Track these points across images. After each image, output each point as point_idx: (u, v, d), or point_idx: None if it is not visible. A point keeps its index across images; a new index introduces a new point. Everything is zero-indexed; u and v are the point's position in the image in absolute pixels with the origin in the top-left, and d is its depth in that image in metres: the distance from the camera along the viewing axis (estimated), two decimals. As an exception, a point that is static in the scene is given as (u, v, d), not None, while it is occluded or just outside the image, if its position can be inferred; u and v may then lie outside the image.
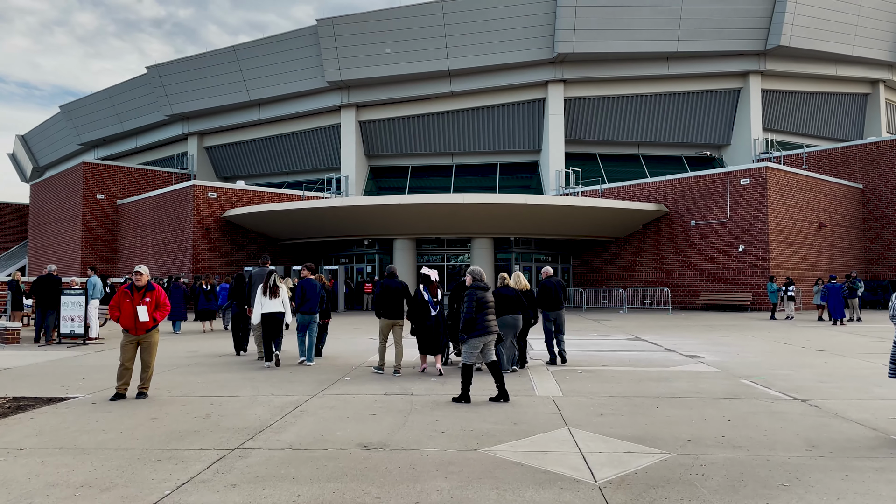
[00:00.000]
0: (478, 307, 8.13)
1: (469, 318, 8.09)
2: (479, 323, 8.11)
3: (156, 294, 8.43)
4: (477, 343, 8.14)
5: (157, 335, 8.57)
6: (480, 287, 8.39)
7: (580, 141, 39.70)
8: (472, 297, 8.16)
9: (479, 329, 8.11)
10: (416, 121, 39.82)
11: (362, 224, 31.10)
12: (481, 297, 8.26)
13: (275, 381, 9.69)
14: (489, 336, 8.19)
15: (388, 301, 10.69)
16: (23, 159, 62.17)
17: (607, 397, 8.36)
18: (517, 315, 10.30)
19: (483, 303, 8.25)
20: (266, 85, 40.14)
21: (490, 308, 8.28)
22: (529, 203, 28.81)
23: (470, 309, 8.10)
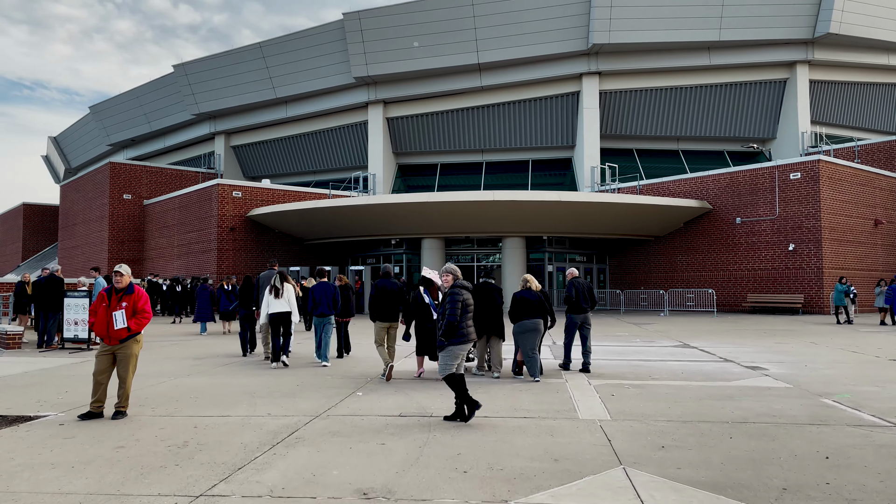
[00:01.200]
0: (462, 310, 7.17)
1: (453, 321, 7.07)
2: (461, 328, 7.16)
3: (134, 298, 7.28)
4: (458, 351, 7.12)
5: (137, 346, 7.40)
6: (465, 287, 7.37)
7: (616, 136, 38.03)
8: (455, 299, 7.16)
9: (461, 335, 7.13)
10: (444, 117, 38.55)
11: (389, 223, 29.95)
12: (466, 298, 7.25)
13: (276, 397, 8.48)
14: (468, 344, 7.22)
15: (383, 303, 10.26)
16: (56, 161, 62.50)
17: (665, 422, 6.96)
18: (538, 319, 9.88)
19: (466, 306, 7.23)
20: (292, 82, 39.26)
21: (470, 312, 7.34)
22: (563, 200, 27.33)
23: (454, 311, 7.10)
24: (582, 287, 11.14)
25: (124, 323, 7.14)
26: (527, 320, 9.88)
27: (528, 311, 9.93)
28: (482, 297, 10.05)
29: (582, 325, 11.11)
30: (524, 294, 10.04)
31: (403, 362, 12.03)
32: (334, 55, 37.54)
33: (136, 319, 7.23)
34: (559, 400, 8.24)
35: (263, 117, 42.19)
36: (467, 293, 7.31)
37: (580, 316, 11.07)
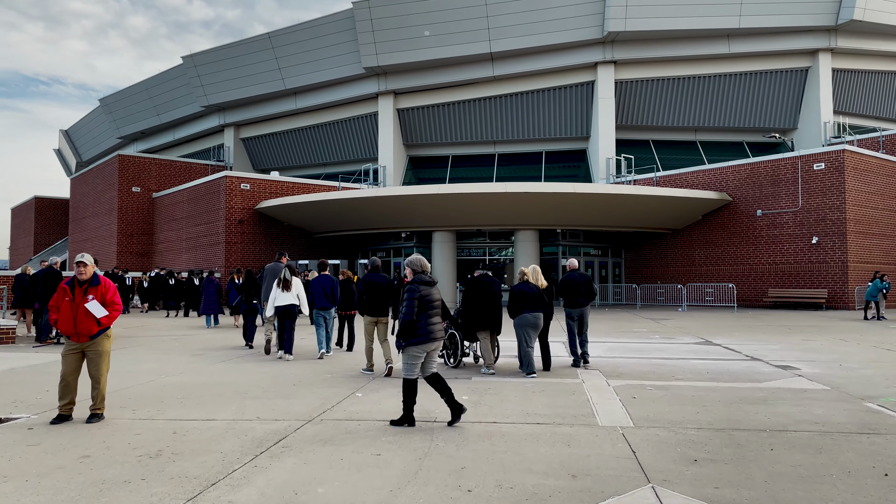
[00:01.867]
0: (420, 307, 6.52)
1: (408, 320, 6.42)
2: (421, 326, 6.49)
3: (101, 290, 6.67)
4: (418, 352, 6.50)
5: (108, 342, 6.79)
6: (424, 282, 6.68)
7: (632, 126, 37.12)
8: (412, 294, 6.51)
9: (420, 334, 6.47)
10: (456, 108, 37.80)
11: (399, 216, 29.29)
12: (425, 294, 6.59)
13: (270, 397, 7.85)
14: (433, 343, 6.57)
15: (371, 297, 10.01)
16: (68, 155, 62.35)
17: (695, 430, 6.26)
18: (538, 313, 9.61)
19: (427, 302, 6.57)
20: (302, 73, 38.65)
21: (435, 308, 6.69)
22: (578, 192, 26.55)
23: (410, 308, 6.44)
24: (578, 280, 10.75)
25: (103, 311, 6.53)
26: (528, 313, 9.60)
27: (528, 305, 9.64)
28: (480, 292, 9.88)
29: (580, 319, 10.78)
30: (522, 287, 9.76)
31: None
32: (344, 45, 36.88)
33: (108, 313, 6.62)
34: (576, 403, 7.55)
35: (273, 109, 41.63)
36: (428, 288, 6.65)
37: (577, 310, 10.74)
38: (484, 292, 9.93)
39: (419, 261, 6.82)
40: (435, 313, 6.64)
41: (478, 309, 9.91)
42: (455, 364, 10.53)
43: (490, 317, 9.90)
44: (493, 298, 9.97)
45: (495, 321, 9.95)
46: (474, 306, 9.97)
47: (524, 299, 9.66)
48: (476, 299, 9.96)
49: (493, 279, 10.18)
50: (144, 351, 12.91)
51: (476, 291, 10.00)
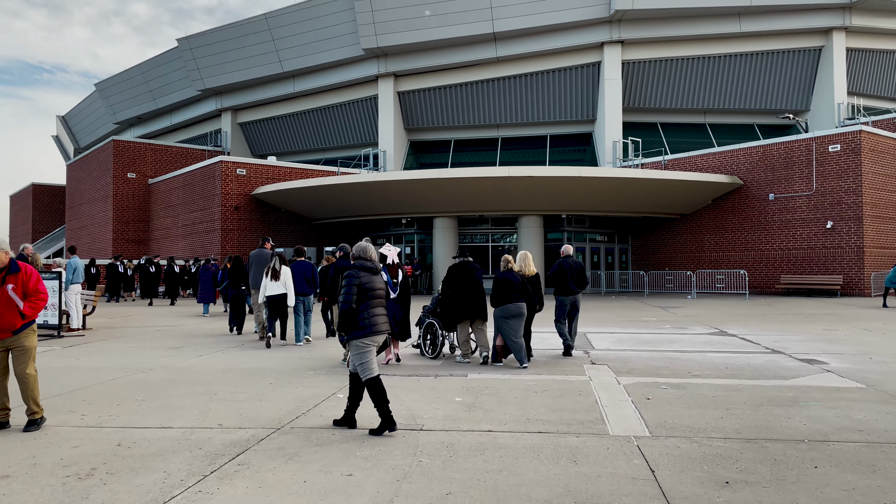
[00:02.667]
0: (360, 296, 5.79)
1: (346, 308, 5.73)
2: (362, 318, 5.77)
3: (22, 277, 5.82)
4: (365, 345, 5.77)
5: (34, 337, 5.96)
6: (365, 268, 5.94)
7: (639, 109, 36.05)
8: (351, 281, 5.80)
9: (362, 326, 5.77)
10: (458, 90, 36.76)
11: (399, 201, 28.42)
12: (366, 281, 5.87)
13: (240, 399, 7.03)
14: (378, 336, 5.86)
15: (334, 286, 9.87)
16: (66, 141, 61.52)
17: (721, 440, 5.40)
18: (521, 303, 9.14)
19: (368, 290, 5.84)
20: (300, 55, 37.64)
21: (378, 298, 5.97)
22: (583, 175, 25.60)
23: (348, 297, 5.73)
24: (570, 267, 10.38)
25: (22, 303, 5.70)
26: (510, 304, 9.09)
27: (511, 294, 9.13)
28: (460, 279, 9.47)
29: (571, 308, 10.43)
30: (506, 275, 9.24)
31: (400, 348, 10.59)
32: (343, 26, 35.85)
33: (30, 303, 5.78)
34: (583, 406, 6.70)
35: (270, 92, 40.67)
36: (369, 275, 5.91)
37: (568, 298, 10.36)
38: (465, 279, 9.50)
39: (361, 247, 6.06)
40: (378, 304, 5.91)
41: (458, 297, 9.48)
42: (434, 355, 10.01)
43: (471, 305, 9.48)
44: (475, 285, 9.56)
45: (478, 309, 9.53)
46: (455, 294, 9.53)
47: (508, 288, 9.16)
48: (456, 287, 9.54)
49: (475, 265, 9.75)
50: (122, 343, 12.12)
51: (456, 278, 9.56)
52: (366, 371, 5.72)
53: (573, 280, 10.34)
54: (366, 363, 5.73)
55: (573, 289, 10.35)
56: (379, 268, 6.05)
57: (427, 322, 10.24)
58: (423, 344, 10.27)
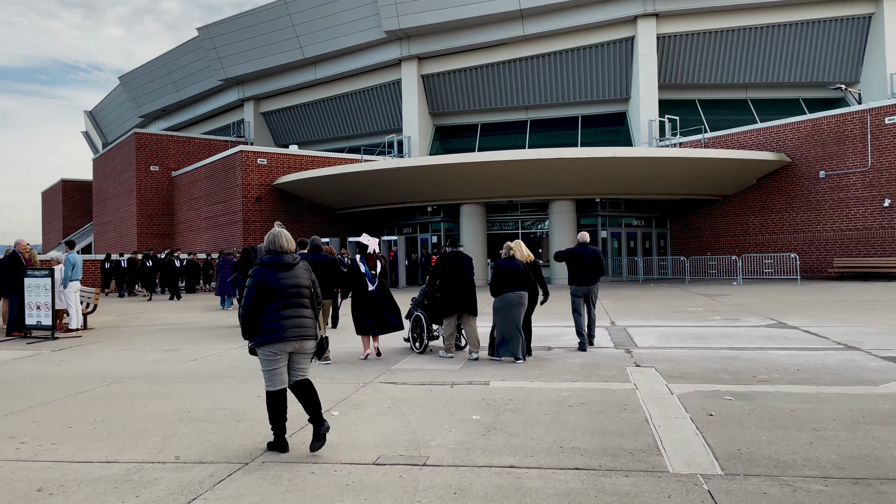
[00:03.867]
0: (261, 295, 4.83)
1: (243, 313, 4.85)
2: (266, 321, 4.82)
3: None
4: (270, 354, 4.83)
5: None
6: (272, 264, 4.92)
7: (676, 86, 34.19)
8: (252, 280, 4.87)
9: (265, 331, 4.80)
10: (484, 71, 35.28)
11: (424, 188, 27.20)
12: (269, 280, 4.86)
13: (216, 419, 5.88)
14: (289, 343, 4.86)
15: None
16: (94, 136, 61.59)
17: (820, 480, 4.06)
18: (522, 292, 8.63)
19: (273, 290, 4.84)
20: (320, 40, 36.55)
21: (291, 297, 4.91)
22: (619, 156, 24.06)
23: (247, 299, 4.83)
24: (584, 254, 9.81)
25: None
26: (510, 293, 8.58)
27: (511, 283, 8.61)
28: (449, 269, 8.99)
29: (586, 298, 9.86)
30: (508, 263, 8.72)
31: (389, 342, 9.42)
32: (363, 8, 34.61)
33: None
34: (629, 426, 5.40)
35: (292, 80, 39.70)
36: (274, 272, 4.88)
37: (582, 288, 9.81)
38: (452, 271, 8.98)
39: (270, 236, 5.01)
40: (291, 304, 4.87)
41: (445, 289, 9.01)
42: (421, 350, 9.56)
43: (459, 298, 8.94)
44: (463, 277, 9.03)
45: (465, 302, 8.97)
46: (442, 286, 9.08)
47: (509, 276, 8.62)
48: (443, 279, 9.07)
49: (466, 256, 9.25)
50: (115, 346, 11.13)
51: (443, 270, 9.06)
52: (268, 382, 4.87)
53: (588, 269, 9.74)
54: (270, 372, 4.84)
55: (588, 278, 9.77)
56: (295, 262, 5.01)
57: (415, 315, 9.73)
58: (411, 337, 9.78)
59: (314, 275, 5.24)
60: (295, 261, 5.00)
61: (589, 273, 9.80)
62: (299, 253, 11.57)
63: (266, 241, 5.01)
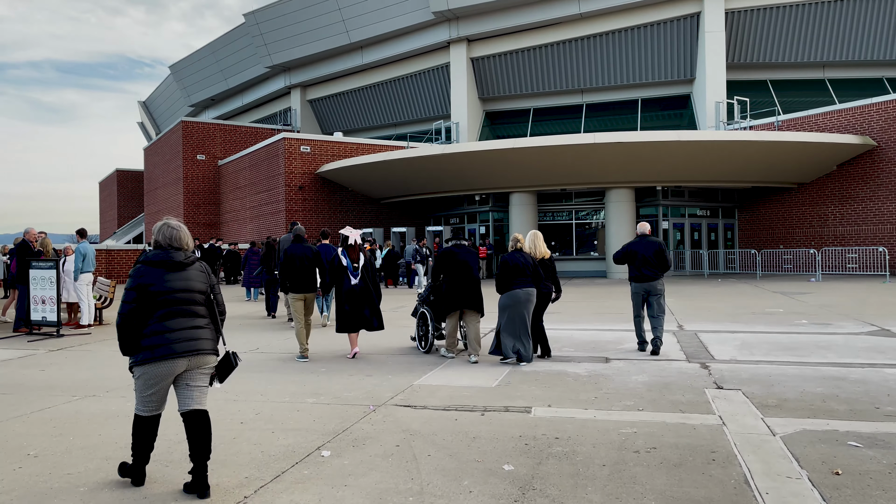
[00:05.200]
0: (142, 300, 3.90)
1: (119, 322, 3.90)
2: (149, 333, 3.89)
3: None
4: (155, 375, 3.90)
5: None
6: (159, 261, 3.98)
7: (745, 65, 31.71)
8: (135, 279, 3.92)
9: (147, 346, 3.88)
10: (537, 53, 33.45)
11: (472, 176, 25.70)
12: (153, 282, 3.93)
13: (172, 459, 4.59)
14: (178, 361, 3.92)
15: (295, 270, 8.83)
16: (149, 127, 62.18)
17: None
18: (529, 288, 7.96)
19: (157, 294, 3.91)
20: (367, 23, 35.33)
21: (179, 303, 3.98)
22: (683, 140, 22.06)
23: (126, 302, 3.89)
24: (646, 248, 8.73)
25: None
26: (518, 289, 7.91)
27: (518, 278, 7.95)
28: (450, 263, 8.42)
29: (648, 296, 8.78)
30: (514, 257, 8.05)
31: (377, 342, 8.02)
32: (411, -12, 33.25)
33: None
34: (722, 489, 3.83)
35: (338, 66, 38.65)
36: (161, 273, 3.95)
37: (642, 285, 8.78)
38: (454, 266, 8.38)
39: (166, 227, 4.05)
40: (182, 312, 3.96)
41: (447, 285, 8.40)
42: (426, 349, 8.98)
43: (460, 294, 8.30)
44: (465, 273, 8.40)
45: (467, 298, 8.31)
46: (445, 282, 8.48)
47: (515, 272, 7.96)
48: (445, 274, 8.50)
49: (468, 250, 8.65)
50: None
51: (444, 265, 8.50)
52: (141, 405, 3.96)
53: (647, 263, 8.68)
54: (145, 397, 3.93)
55: (647, 274, 8.68)
56: (186, 259, 4.06)
57: (420, 312, 9.21)
58: (417, 336, 9.24)
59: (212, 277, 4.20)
60: (188, 259, 4.05)
61: (649, 268, 8.68)
62: (320, 245, 10.42)
63: (155, 232, 3.97)
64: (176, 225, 4.07)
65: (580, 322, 11.85)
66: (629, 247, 8.92)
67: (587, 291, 18.87)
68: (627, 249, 8.91)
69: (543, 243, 8.51)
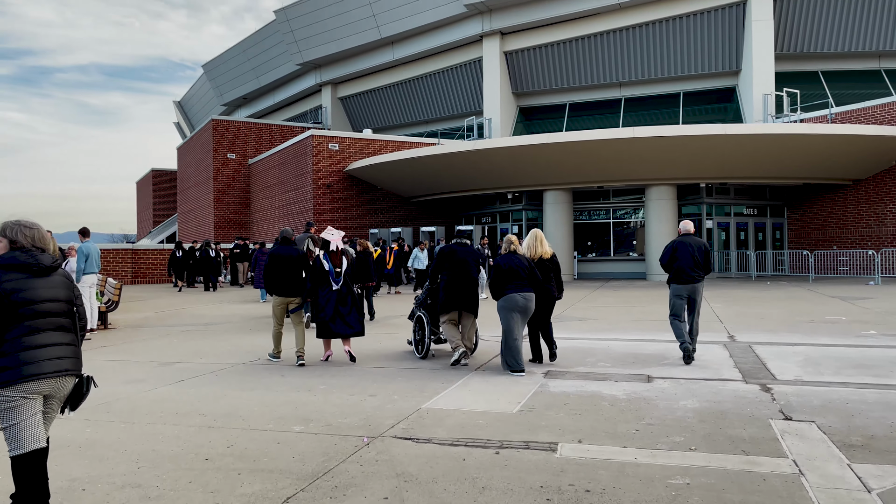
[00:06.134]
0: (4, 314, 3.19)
1: None
2: (9, 350, 3.18)
3: None
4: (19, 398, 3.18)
5: None
6: (21, 265, 3.29)
7: (795, 55, 29.99)
8: None
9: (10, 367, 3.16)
10: (573, 46, 32.18)
11: (504, 173, 24.66)
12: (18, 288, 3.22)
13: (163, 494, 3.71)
14: (44, 382, 3.25)
15: (280, 273, 8.47)
16: (184, 127, 62.47)
17: None
18: (527, 292, 7.47)
19: (20, 304, 3.21)
20: (398, 17, 34.51)
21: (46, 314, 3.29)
22: (730, 133, 20.67)
23: None
24: (690, 247, 8.13)
25: None
26: (515, 293, 7.46)
27: (513, 283, 7.49)
28: (450, 263, 8.12)
29: (690, 299, 8.16)
30: (507, 260, 7.60)
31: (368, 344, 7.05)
32: (442, -19, 32.31)
33: None
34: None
35: (369, 62, 37.92)
36: (26, 278, 3.28)
37: (686, 287, 8.11)
38: (453, 265, 8.08)
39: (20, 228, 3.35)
40: (48, 325, 3.31)
41: (446, 284, 8.07)
42: (423, 355, 8.48)
43: (457, 294, 7.97)
44: (463, 273, 8.06)
45: (464, 300, 7.98)
46: (445, 281, 8.13)
47: (509, 275, 7.50)
48: (444, 274, 8.18)
49: (468, 249, 8.28)
50: (113, 354, 9.32)
51: (443, 264, 8.19)
52: (13, 442, 3.21)
53: (694, 263, 8.02)
54: (13, 429, 3.19)
55: (692, 275, 8.03)
56: (52, 264, 3.44)
57: (417, 315, 8.76)
58: (413, 341, 8.85)
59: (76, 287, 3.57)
60: (55, 263, 3.41)
61: (694, 267, 8.04)
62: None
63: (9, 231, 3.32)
64: (33, 224, 3.38)
65: (617, 330, 10.75)
66: (676, 245, 8.19)
67: (626, 295, 17.68)
68: (675, 248, 8.18)
69: (545, 242, 8.13)
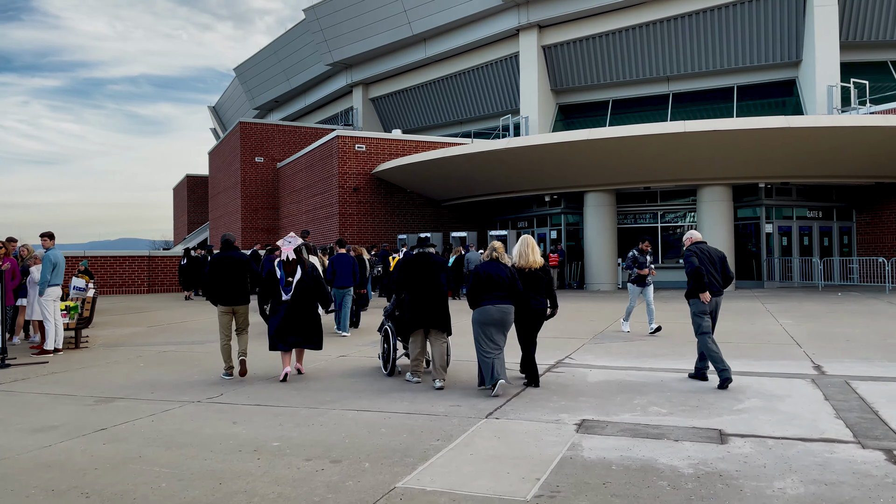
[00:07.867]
0: None
1: None
2: None
3: None
4: None
5: None
6: None
7: (861, 44, 27.39)
8: None
9: None
10: (616, 38, 30.07)
11: (541, 174, 22.77)
12: None
13: None
14: None
15: (222, 280, 7.86)
16: (219, 131, 62.13)
17: None
18: (504, 305, 6.78)
19: None
20: (430, 12, 32.95)
21: None
22: (794, 127, 18.42)
23: None
24: (710, 257, 7.34)
25: None
26: (490, 305, 6.73)
27: (491, 293, 6.75)
28: (414, 274, 7.37)
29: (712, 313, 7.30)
30: (486, 268, 6.86)
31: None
32: (476, -28, 30.65)
33: None
34: None
35: (401, 61, 36.45)
36: None
37: (714, 300, 7.26)
38: (418, 276, 7.36)
39: None
40: None
41: (410, 299, 7.38)
42: (388, 372, 7.94)
43: (424, 310, 7.25)
44: (430, 284, 7.32)
45: (432, 315, 7.25)
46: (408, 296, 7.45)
47: (488, 285, 6.82)
48: (408, 287, 7.45)
49: (436, 258, 7.58)
50: (51, 386, 7.77)
51: (408, 276, 7.46)
52: None
53: (716, 273, 7.30)
54: None
55: (716, 287, 7.31)
56: None
57: (384, 328, 8.22)
58: (380, 355, 8.38)
59: None
60: None
61: (718, 278, 7.33)
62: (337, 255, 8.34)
63: None
64: None
65: (673, 356, 8.81)
66: (693, 255, 7.30)
67: (678, 308, 15.61)
68: (701, 256, 7.30)
69: (537, 250, 7.33)
